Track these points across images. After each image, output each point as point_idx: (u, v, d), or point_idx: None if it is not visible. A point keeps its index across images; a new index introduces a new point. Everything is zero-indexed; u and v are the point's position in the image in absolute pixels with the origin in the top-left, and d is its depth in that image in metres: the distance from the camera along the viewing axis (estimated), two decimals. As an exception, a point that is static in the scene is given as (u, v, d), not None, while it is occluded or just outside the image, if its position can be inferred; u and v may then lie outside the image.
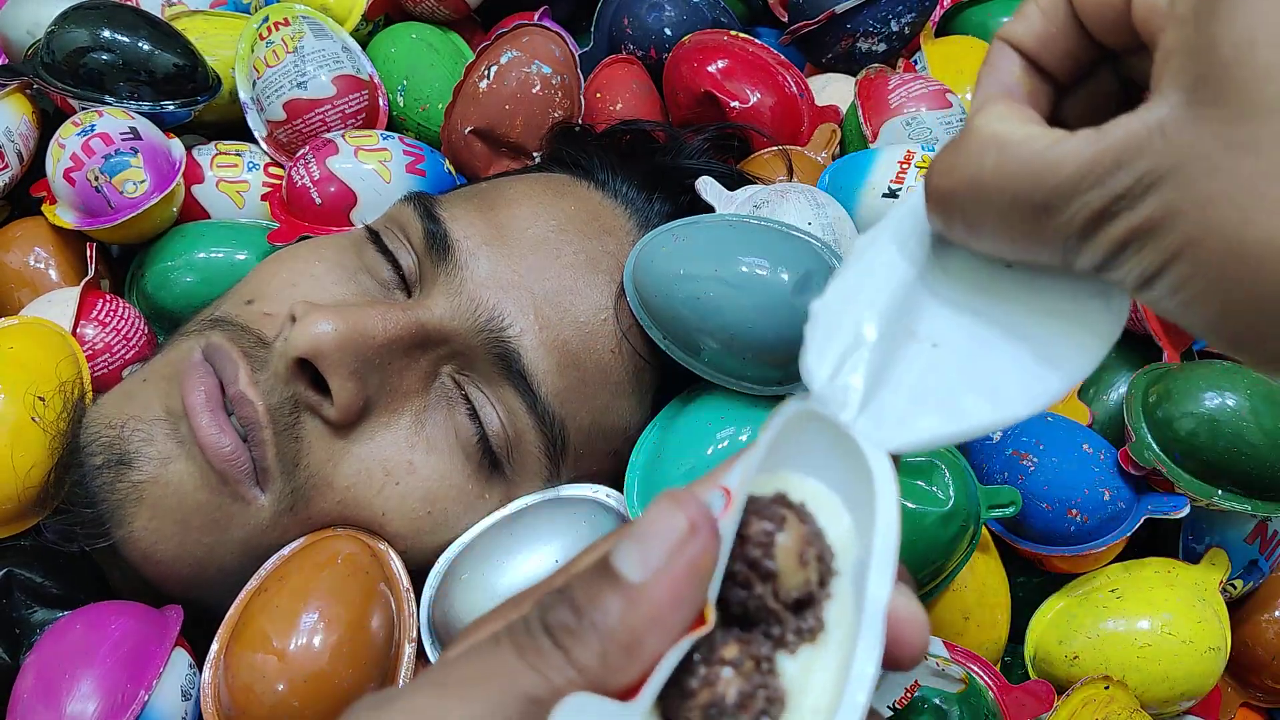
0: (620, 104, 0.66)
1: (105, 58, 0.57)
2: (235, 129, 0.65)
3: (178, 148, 0.59)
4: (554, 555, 0.42)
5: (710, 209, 0.52)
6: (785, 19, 0.74)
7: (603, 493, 0.46)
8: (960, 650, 0.48)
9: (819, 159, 0.62)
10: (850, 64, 0.70)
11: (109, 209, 0.55)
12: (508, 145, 0.63)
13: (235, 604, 0.41)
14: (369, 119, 0.63)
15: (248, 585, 0.42)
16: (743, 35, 0.68)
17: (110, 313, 0.53)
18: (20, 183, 0.59)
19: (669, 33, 0.69)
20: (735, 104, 0.64)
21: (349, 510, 0.42)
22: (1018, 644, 0.53)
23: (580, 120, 0.64)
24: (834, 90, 0.68)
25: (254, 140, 0.63)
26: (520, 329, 0.44)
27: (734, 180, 0.55)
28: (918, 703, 0.45)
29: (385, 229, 0.47)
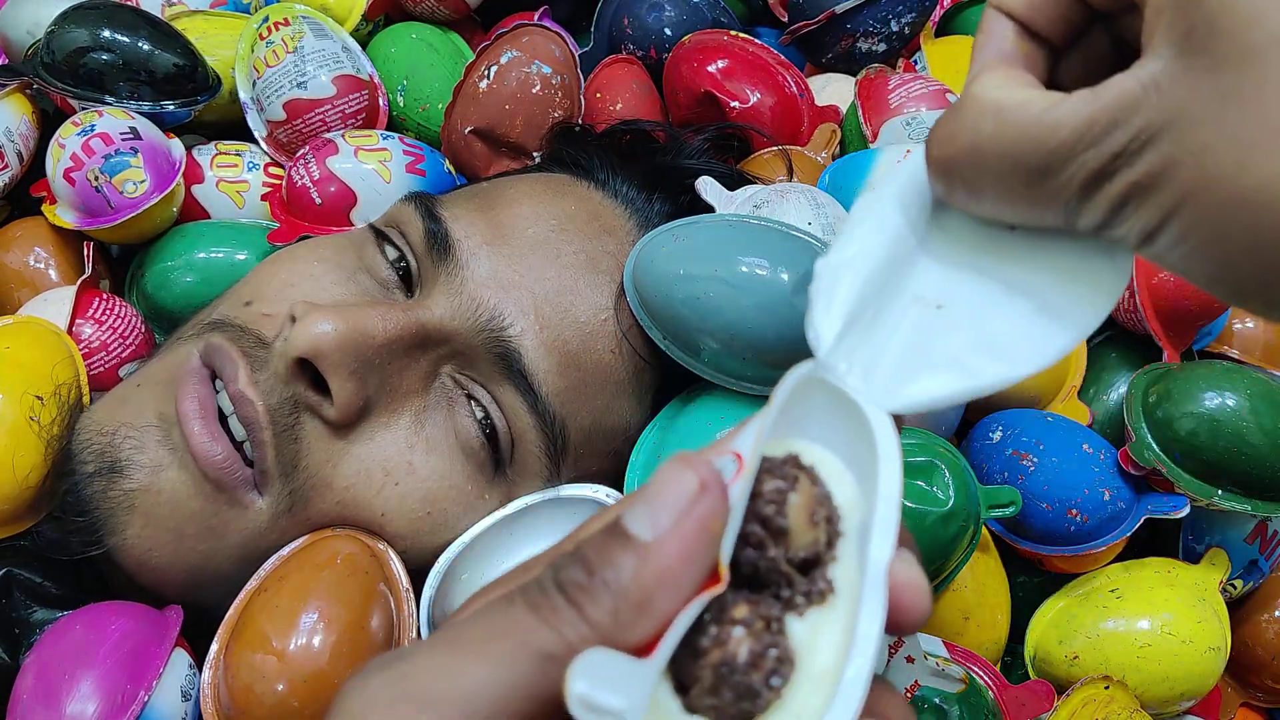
0: (620, 104, 0.66)
1: (105, 58, 0.57)
2: (235, 129, 0.65)
3: (178, 148, 0.59)
4: (554, 555, 0.42)
5: (710, 209, 0.52)
6: (785, 19, 0.74)
7: (603, 493, 0.46)
8: (960, 650, 0.48)
9: (819, 159, 0.62)
10: (850, 64, 0.70)
11: (109, 209, 0.55)
12: (508, 145, 0.63)
13: (235, 604, 0.41)
14: (369, 119, 0.63)
15: (247, 585, 0.41)
16: (743, 35, 0.68)
17: (107, 311, 0.53)
18: (20, 183, 0.59)
19: (669, 33, 0.69)
20: (735, 104, 0.64)
21: (348, 511, 0.42)
22: (1018, 644, 0.53)
23: (580, 120, 0.64)
24: (834, 90, 0.68)
25: (254, 140, 0.63)
26: (521, 328, 0.44)
27: (734, 180, 0.55)
28: (918, 702, 0.45)
29: (386, 228, 0.47)
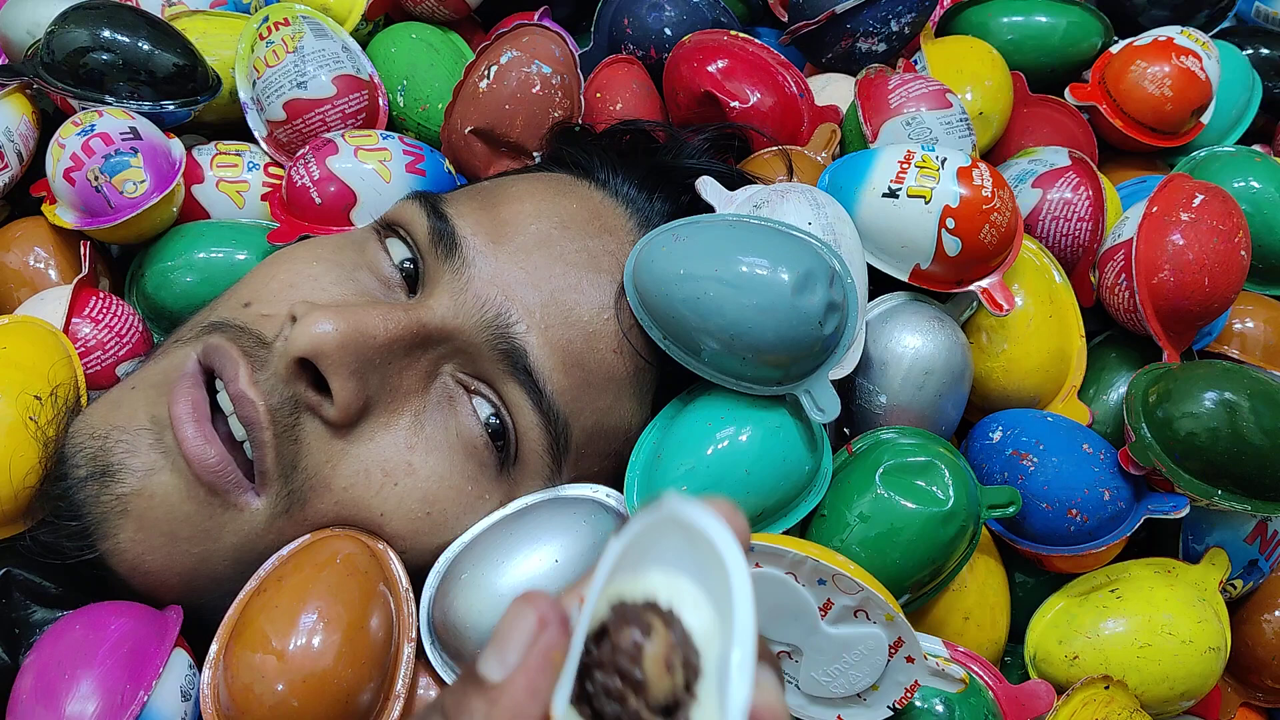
0: (620, 104, 0.66)
1: (105, 58, 0.56)
2: (235, 129, 0.65)
3: (178, 147, 0.59)
4: (554, 555, 0.42)
5: (710, 209, 0.52)
6: (785, 19, 0.74)
7: (603, 492, 0.46)
8: (960, 650, 0.48)
9: (819, 159, 0.62)
10: (850, 64, 0.70)
11: (109, 209, 0.55)
12: (508, 145, 0.63)
13: (235, 604, 0.41)
14: (369, 119, 0.63)
15: (247, 586, 0.41)
16: (743, 35, 0.67)
17: (103, 310, 0.53)
18: (20, 183, 0.59)
19: (669, 33, 0.69)
20: (735, 104, 0.64)
21: (347, 511, 0.42)
22: (1017, 644, 0.53)
23: (580, 120, 0.64)
24: (834, 90, 0.68)
25: (254, 140, 0.63)
26: (526, 326, 0.44)
27: (734, 180, 0.55)
28: (917, 703, 0.45)
29: (389, 227, 0.47)
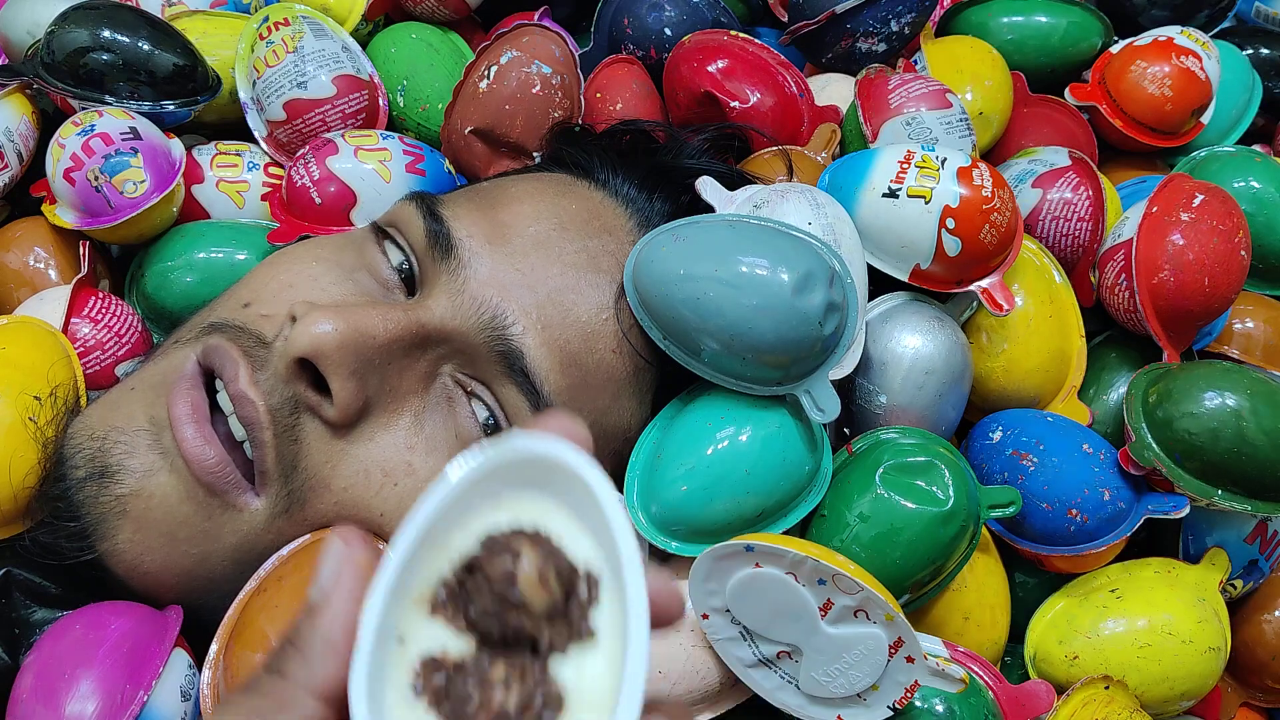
0: (620, 104, 0.66)
1: (105, 58, 0.56)
2: (235, 129, 0.65)
3: (178, 147, 0.59)
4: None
5: (710, 209, 0.51)
6: (785, 19, 0.74)
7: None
8: (960, 650, 0.48)
9: (819, 159, 0.62)
10: (850, 64, 0.70)
11: (109, 209, 0.55)
12: (508, 145, 0.63)
13: (234, 604, 0.41)
14: (369, 119, 0.63)
15: (247, 586, 0.41)
16: (743, 35, 0.67)
17: (102, 309, 0.53)
18: (20, 183, 0.59)
19: (669, 33, 0.69)
20: (735, 104, 0.64)
21: (346, 512, 0.42)
22: (1017, 644, 0.53)
23: (580, 120, 0.64)
24: (834, 90, 0.68)
25: (254, 140, 0.63)
26: (523, 327, 0.44)
27: (734, 180, 0.55)
28: (917, 703, 0.45)
29: (387, 228, 0.47)
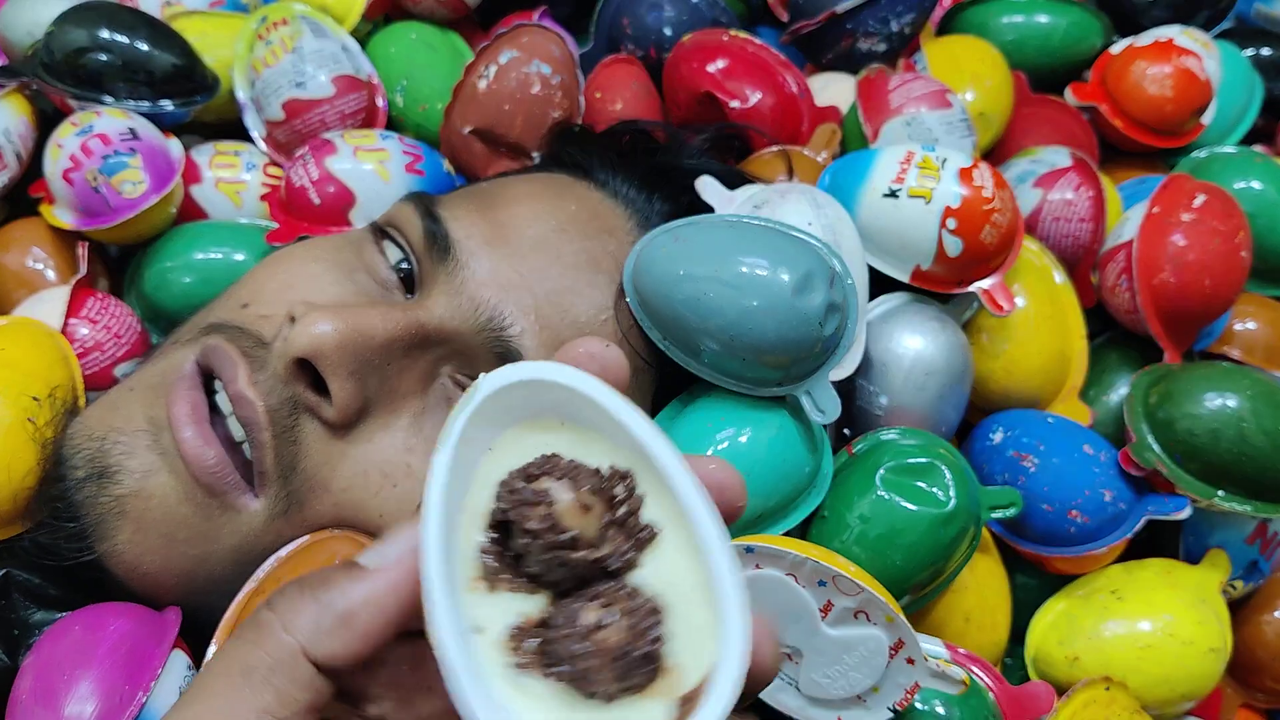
0: (620, 104, 0.66)
1: (104, 58, 0.56)
2: (234, 129, 0.64)
3: (176, 147, 0.58)
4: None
5: (710, 209, 0.51)
6: (785, 19, 0.74)
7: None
8: (961, 652, 0.48)
9: (819, 159, 0.62)
10: (850, 64, 0.70)
11: (107, 209, 0.55)
12: (507, 145, 0.63)
13: (233, 605, 0.41)
14: (368, 119, 0.63)
15: (245, 586, 0.41)
16: (743, 35, 0.67)
17: (101, 310, 0.53)
18: (19, 183, 0.58)
19: (669, 32, 0.69)
20: (735, 104, 0.64)
21: (345, 513, 0.42)
22: (1018, 645, 0.53)
23: (580, 120, 0.64)
24: (834, 90, 0.68)
25: (252, 140, 0.63)
26: (521, 328, 0.43)
27: (734, 180, 0.55)
28: (918, 704, 0.44)
29: (385, 228, 0.47)
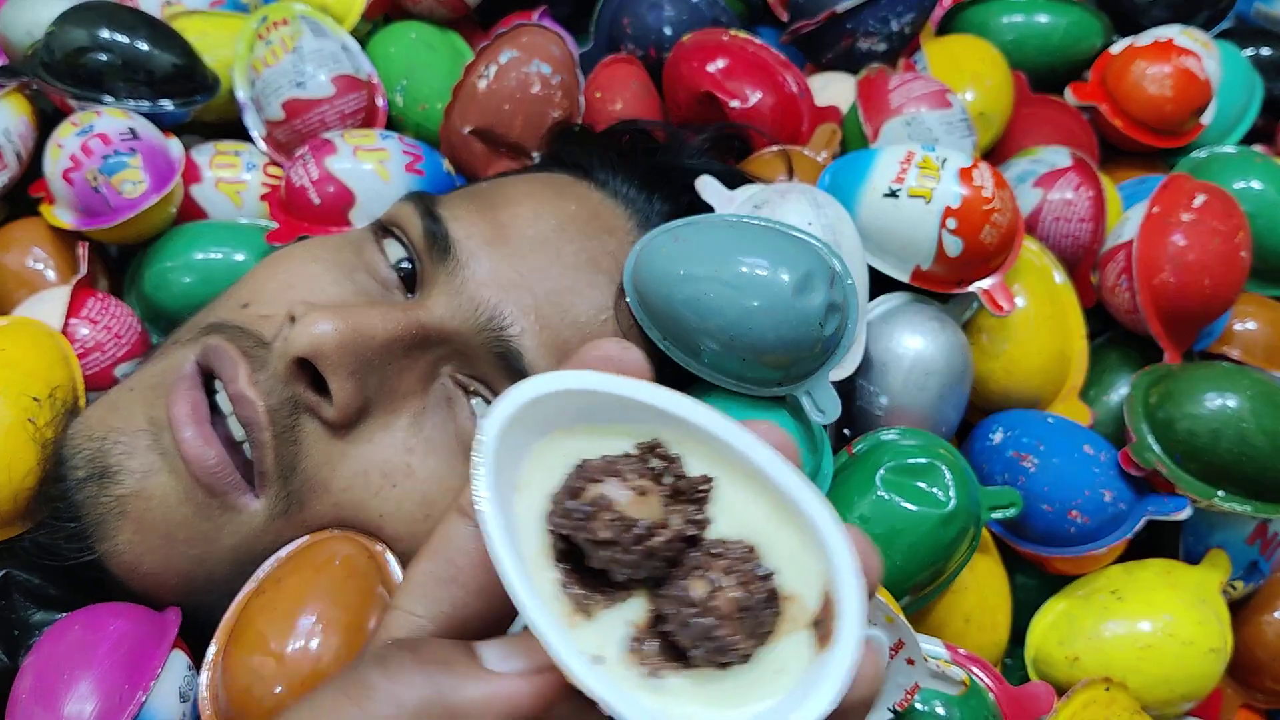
0: (620, 104, 0.66)
1: (104, 58, 0.56)
2: (234, 129, 0.64)
3: (176, 147, 0.58)
4: (553, 556, 0.42)
5: (710, 209, 0.51)
6: (785, 18, 0.74)
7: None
8: (961, 652, 0.48)
9: (819, 159, 0.62)
10: (850, 64, 0.70)
11: (107, 209, 0.55)
12: (507, 145, 0.63)
13: (233, 606, 0.41)
14: (368, 119, 0.63)
15: (245, 587, 0.41)
16: (743, 35, 0.67)
17: (102, 310, 0.53)
18: (19, 183, 0.59)
19: (669, 32, 0.69)
20: (735, 104, 0.64)
21: (345, 513, 0.42)
22: (1018, 646, 0.53)
23: (580, 120, 0.64)
24: (834, 90, 0.68)
25: (252, 140, 0.63)
26: (521, 328, 0.43)
27: (734, 180, 0.55)
28: (918, 705, 0.44)
29: (385, 228, 0.47)
